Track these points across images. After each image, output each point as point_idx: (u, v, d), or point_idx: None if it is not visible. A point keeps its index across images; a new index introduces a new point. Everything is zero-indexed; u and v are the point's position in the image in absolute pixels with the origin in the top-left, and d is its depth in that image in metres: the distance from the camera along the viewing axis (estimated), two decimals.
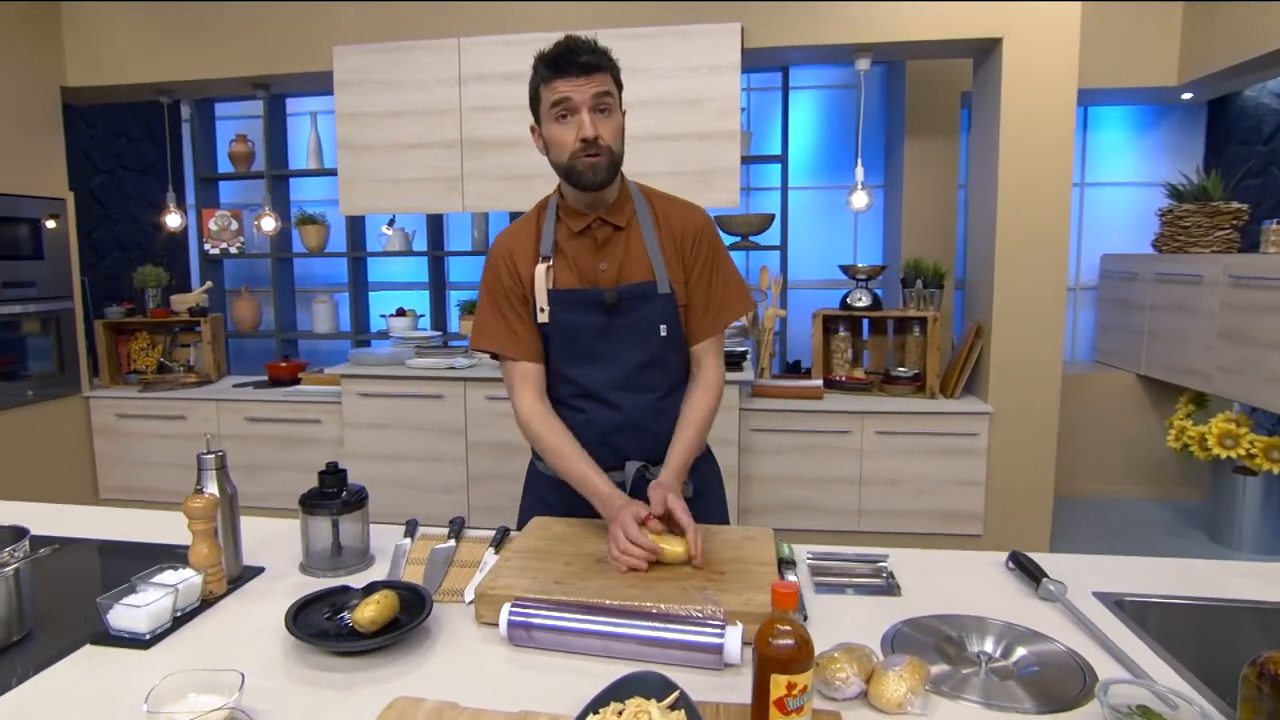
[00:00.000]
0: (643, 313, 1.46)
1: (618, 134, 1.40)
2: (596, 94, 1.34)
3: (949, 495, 3.38)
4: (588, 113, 1.34)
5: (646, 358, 1.48)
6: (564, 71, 1.33)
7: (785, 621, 0.83)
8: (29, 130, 3.58)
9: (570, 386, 1.52)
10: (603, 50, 1.36)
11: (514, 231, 1.54)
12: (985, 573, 1.33)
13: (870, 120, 4.57)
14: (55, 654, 1.10)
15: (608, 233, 1.46)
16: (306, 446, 3.69)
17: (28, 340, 3.56)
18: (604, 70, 1.35)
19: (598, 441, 1.48)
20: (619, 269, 1.46)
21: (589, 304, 1.45)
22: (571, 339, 1.48)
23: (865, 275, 3.67)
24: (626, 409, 1.48)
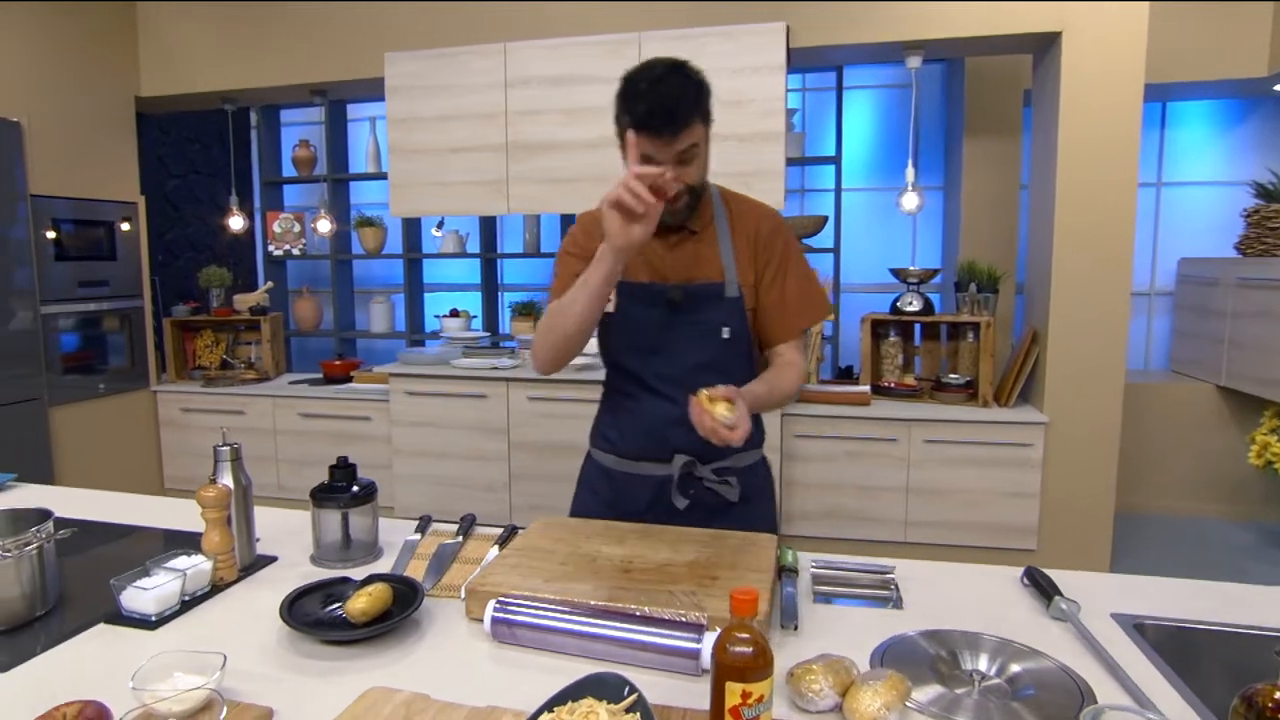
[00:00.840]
0: (706, 313, 1.45)
1: (703, 167, 1.40)
2: (680, 151, 1.32)
3: (1001, 508, 3.25)
4: (670, 170, 1.27)
5: (705, 358, 1.46)
6: (643, 130, 1.29)
7: (744, 629, 0.80)
8: (105, 138, 3.80)
9: (625, 377, 1.53)
10: (688, 94, 1.30)
11: (596, 218, 1.46)
12: (998, 588, 1.27)
13: (930, 120, 4.45)
14: (72, 630, 1.16)
15: (682, 235, 1.47)
16: (357, 443, 3.80)
17: (100, 337, 3.78)
18: (689, 125, 1.30)
19: (646, 433, 1.50)
20: (689, 267, 1.46)
21: (654, 298, 1.46)
22: (632, 331, 1.49)
23: (917, 279, 3.56)
24: (681, 402, 1.42)
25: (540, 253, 4.22)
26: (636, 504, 1.50)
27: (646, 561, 1.26)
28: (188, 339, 4.18)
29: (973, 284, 3.48)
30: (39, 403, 3.44)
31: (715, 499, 1.48)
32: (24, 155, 3.36)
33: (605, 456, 1.59)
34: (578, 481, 1.68)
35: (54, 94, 3.53)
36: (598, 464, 1.61)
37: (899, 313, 3.54)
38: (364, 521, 1.44)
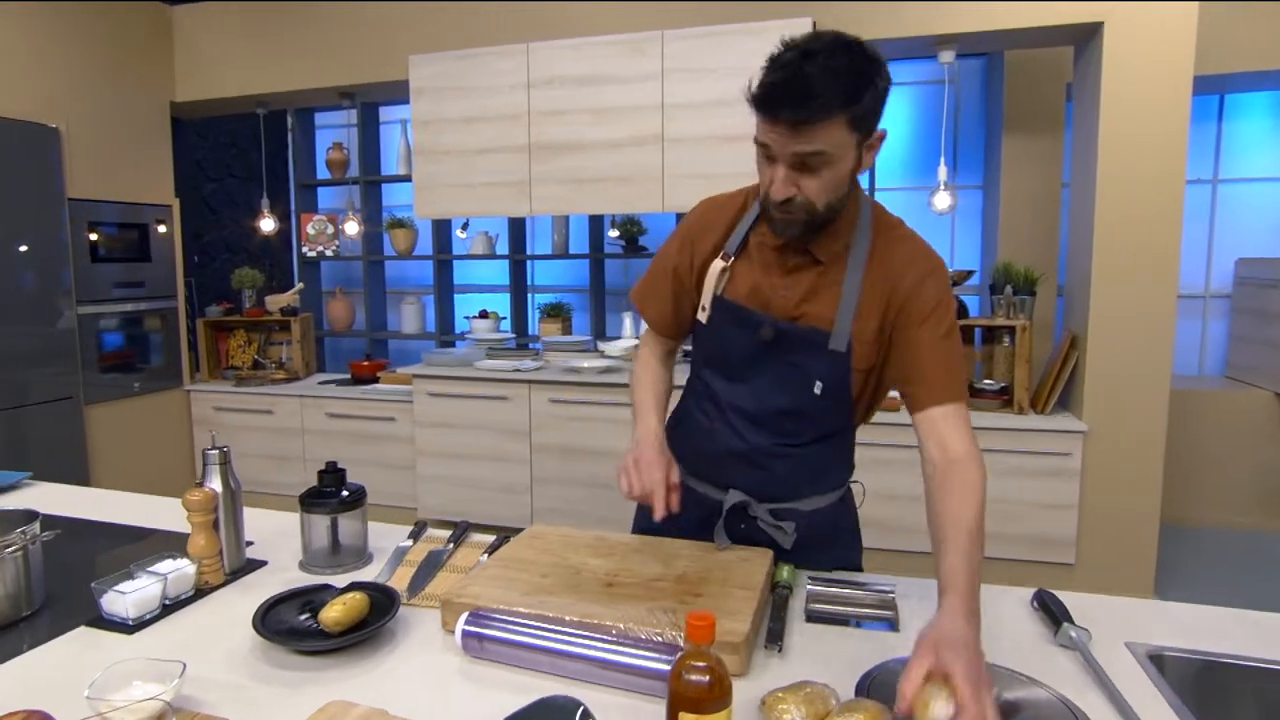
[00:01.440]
0: (802, 359, 1.24)
1: (834, 186, 1.12)
2: (800, 153, 1.06)
3: (1037, 519, 3.12)
4: (784, 168, 1.09)
5: (790, 405, 1.28)
6: (768, 115, 1.07)
7: (699, 657, 0.75)
8: (141, 142, 3.89)
9: (708, 393, 1.37)
10: (836, 85, 1.02)
11: (711, 212, 1.35)
12: (1005, 611, 1.19)
13: (971, 116, 4.31)
14: (53, 633, 1.16)
15: (804, 260, 1.24)
16: (382, 443, 3.82)
17: (135, 337, 3.87)
18: (823, 121, 1.03)
19: (710, 458, 1.37)
20: (799, 301, 1.24)
21: (749, 326, 1.27)
22: (721, 352, 1.33)
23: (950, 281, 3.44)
24: (750, 443, 1.32)
25: (569, 254, 4.20)
26: (685, 518, 1.30)
27: (632, 575, 1.21)
28: (221, 339, 4.26)
29: (1008, 286, 3.35)
30: (74, 401, 3.53)
31: (767, 539, 1.33)
32: (62, 160, 3.46)
33: None
34: None
35: (91, 100, 3.62)
36: None
37: None
38: (353, 527, 1.42)
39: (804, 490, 1.35)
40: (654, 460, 1.19)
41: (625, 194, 3.40)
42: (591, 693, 0.96)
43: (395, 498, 3.85)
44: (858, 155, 1.12)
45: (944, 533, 1.04)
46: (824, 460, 1.36)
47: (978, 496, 1.08)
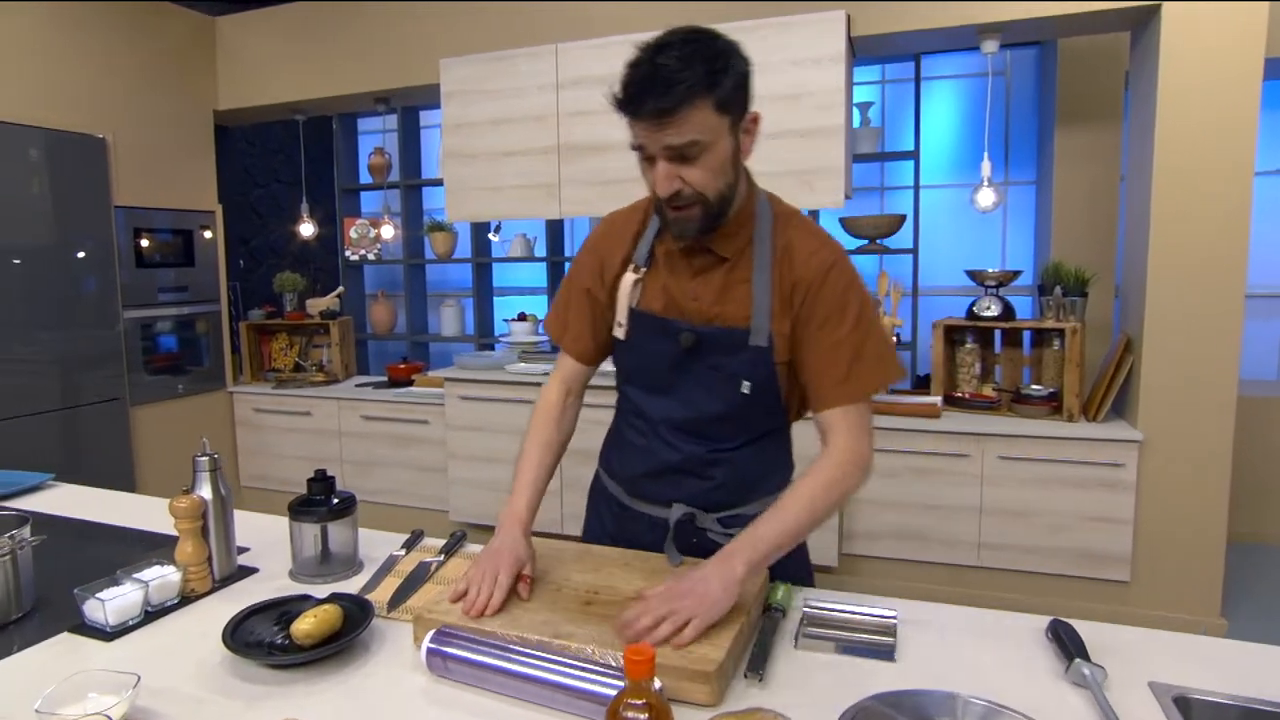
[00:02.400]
0: (724, 362, 1.22)
1: (717, 172, 1.11)
2: (673, 145, 1.06)
3: (1088, 533, 2.94)
4: (664, 164, 1.09)
5: (720, 409, 1.25)
6: (634, 114, 1.07)
7: (638, 694, 0.69)
8: (186, 150, 4.00)
9: (636, 410, 1.36)
10: (692, 72, 1.03)
11: (616, 227, 1.34)
12: (1016, 642, 1.10)
13: (1023, 109, 4.13)
14: (36, 638, 1.16)
15: (709, 260, 1.23)
16: (415, 446, 3.85)
17: (179, 339, 3.97)
18: (685, 108, 1.03)
19: (649, 476, 1.34)
20: (713, 304, 1.23)
21: (667, 335, 1.25)
22: (642, 365, 1.31)
23: (995, 281, 3.29)
24: (684, 452, 1.29)
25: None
26: (639, 543, 1.34)
27: (613, 593, 1.15)
28: (264, 342, 4.35)
29: (1058, 287, 3.18)
30: (121, 402, 3.64)
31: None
32: (110, 169, 3.57)
33: (611, 484, 1.44)
34: (588, 501, 1.54)
35: (138, 110, 3.73)
36: (604, 489, 1.47)
37: (975, 318, 3.27)
38: (343, 535, 1.40)
39: (748, 495, 1.32)
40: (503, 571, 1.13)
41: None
42: (554, 718, 0.91)
43: (428, 500, 3.87)
44: (734, 140, 1.12)
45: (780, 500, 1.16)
46: (762, 462, 1.33)
47: (817, 485, 1.16)
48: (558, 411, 1.39)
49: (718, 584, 1.04)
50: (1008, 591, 3.07)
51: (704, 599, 1.01)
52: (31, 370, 3.30)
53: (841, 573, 3.26)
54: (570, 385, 1.41)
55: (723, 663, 0.95)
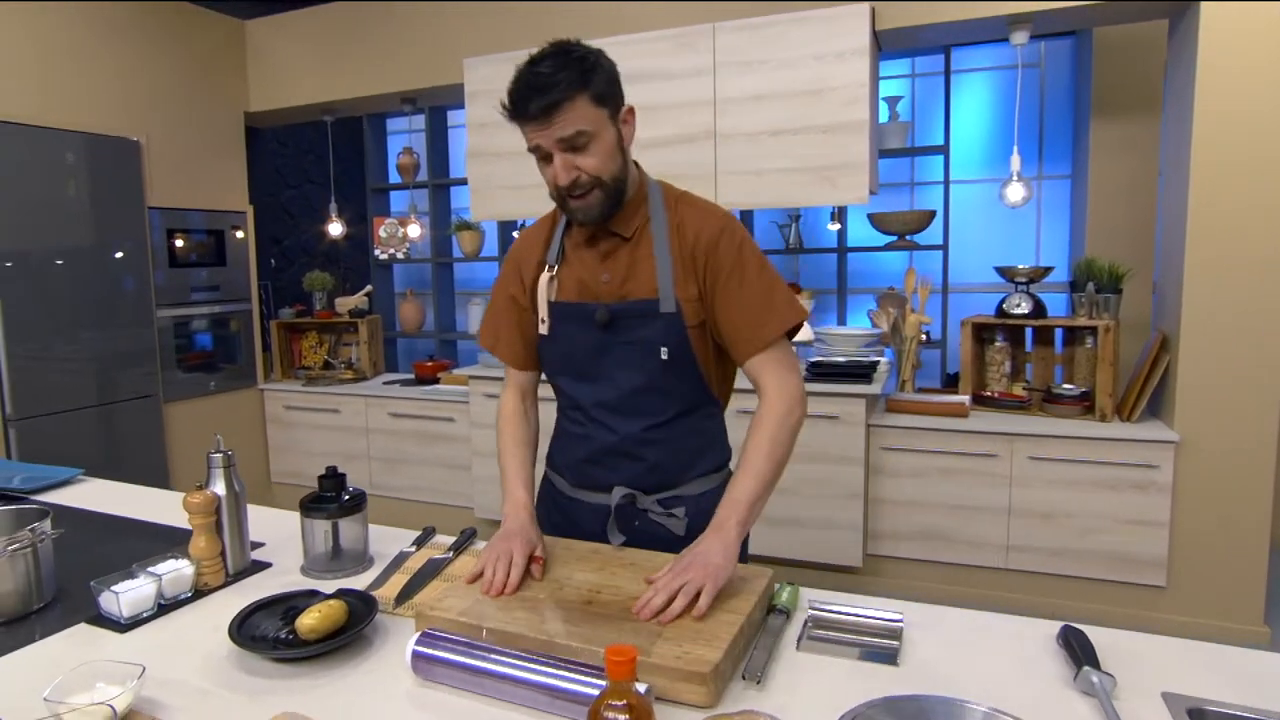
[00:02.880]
0: (640, 333, 1.32)
1: (607, 158, 1.24)
2: (564, 138, 1.20)
3: (1121, 536, 2.87)
4: (559, 155, 1.22)
5: (643, 381, 1.34)
6: (522, 118, 1.21)
7: (619, 695, 0.69)
8: (217, 151, 4.08)
9: (568, 400, 1.45)
10: (566, 74, 1.18)
11: (528, 236, 1.47)
12: (1026, 648, 1.07)
13: (1056, 101, 4.04)
14: (56, 628, 1.19)
15: (614, 243, 1.34)
16: (441, 443, 3.88)
17: (211, 337, 4.06)
18: (567, 103, 1.18)
19: (589, 461, 1.42)
20: (622, 282, 1.33)
21: (584, 319, 1.35)
22: (566, 354, 1.40)
23: (1026, 278, 3.21)
24: (620, 433, 1.37)
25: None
26: (584, 533, 1.41)
27: (616, 593, 1.15)
28: (294, 340, 4.43)
29: (1090, 283, 3.10)
30: (154, 399, 3.73)
31: (665, 532, 1.37)
32: (143, 170, 3.66)
33: (557, 479, 1.52)
34: (536, 501, 1.58)
35: (171, 113, 3.82)
36: (552, 485, 1.54)
37: (1004, 316, 3.21)
38: (354, 531, 1.41)
39: (685, 474, 1.40)
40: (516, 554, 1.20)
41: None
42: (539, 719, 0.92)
43: (453, 497, 3.90)
44: (616, 129, 1.26)
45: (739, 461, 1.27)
46: (695, 439, 1.40)
47: (763, 431, 1.27)
48: (520, 415, 1.49)
49: (719, 551, 1.13)
50: (1036, 595, 3.01)
51: (707, 567, 1.10)
52: (72, 368, 3.41)
53: (865, 573, 3.22)
54: (523, 390, 1.51)
55: (719, 664, 0.94)
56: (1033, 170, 4.19)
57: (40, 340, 3.28)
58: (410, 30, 3.84)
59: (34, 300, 3.26)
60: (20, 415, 3.22)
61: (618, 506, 1.37)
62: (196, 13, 3.94)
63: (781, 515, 3.20)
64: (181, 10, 3.86)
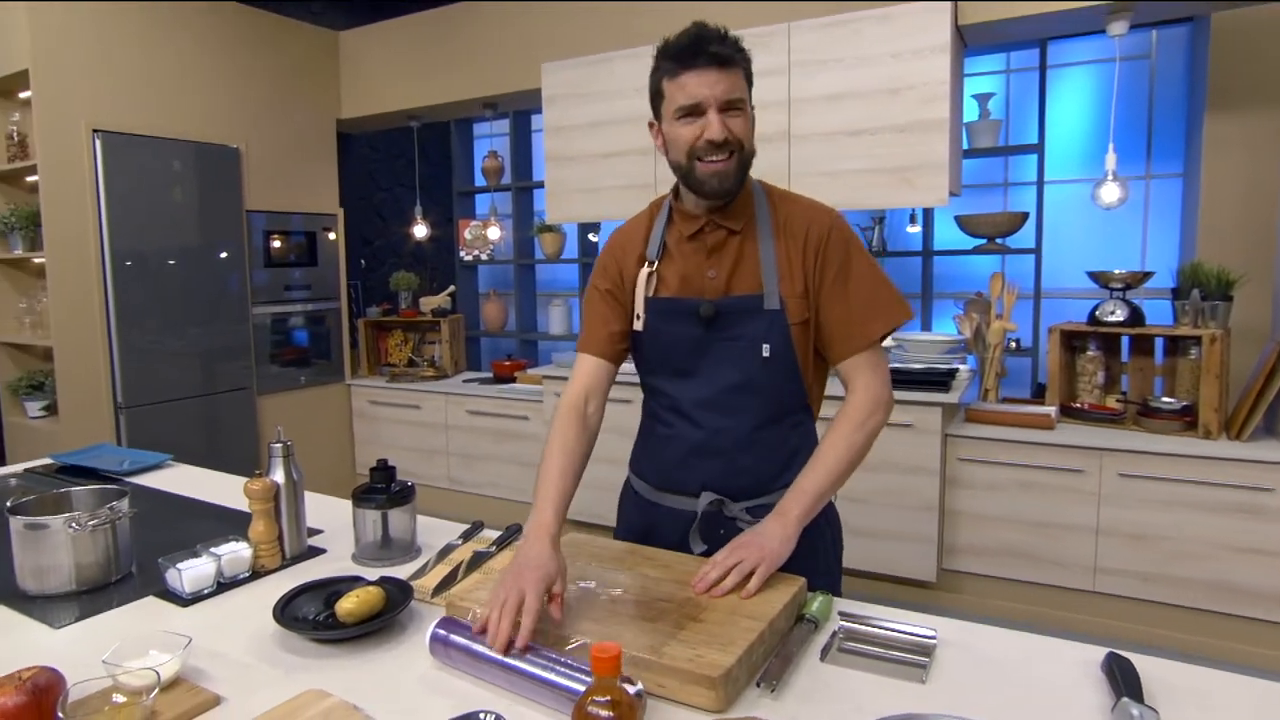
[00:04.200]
0: (744, 329, 1.30)
1: (750, 132, 1.27)
2: (729, 94, 1.21)
3: (1225, 564, 2.65)
4: (716, 113, 1.21)
5: (742, 378, 1.32)
6: (692, 64, 1.21)
7: (604, 690, 0.69)
8: (310, 157, 4.31)
9: (662, 399, 1.42)
10: (735, 41, 1.24)
11: (626, 231, 1.45)
12: (1066, 673, 1.01)
13: (1169, 95, 3.78)
14: (130, 598, 1.29)
15: (721, 237, 1.32)
16: (515, 441, 3.97)
17: (302, 334, 4.29)
18: (737, 66, 1.23)
19: (678, 463, 1.38)
20: (728, 278, 1.32)
21: (686, 314, 1.32)
22: (665, 351, 1.36)
23: (1122, 283, 3.02)
24: (708, 430, 1.34)
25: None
26: (667, 540, 1.38)
27: (644, 593, 1.15)
28: (381, 338, 4.62)
29: (1195, 289, 2.88)
30: (248, 392, 3.97)
31: None
32: (242, 176, 3.91)
33: (639, 483, 1.49)
34: (618, 507, 1.58)
35: (268, 121, 4.07)
36: (634, 489, 1.51)
37: (1097, 323, 3.02)
38: (403, 522, 1.47)
39: (773, 483, 1.36)
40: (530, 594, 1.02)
41: None
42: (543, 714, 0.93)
43: (526, 494, 3.98)
44: (751, 112, 1.28)
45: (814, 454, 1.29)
46: (786, 444, 1.37)
47: (840, 429, 1.29)
48: (577, 414, 1.36)
49: (777, 536, 1.17)
50: (1126, 621, 2.82)
51: (764, 550, 1.15)
52: (177, 361, 3.68)
53: (939, 588, 3.10)
54: (588, 386, 1.38)
55: (730, 669, 0.93)
56: (1139, 169, 3.93)
57: (150, 334, 3.55)
58: (491, 37, 3.96)
59: (146, 297, 3.53)
60: (129, 403, 3.50)
61: (704, 513, 1.33)
62: (294, 26, 4.18)
63: (851, 525, 3.10)
64: (280, 24, 4.11)
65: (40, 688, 0.88)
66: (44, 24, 3.20)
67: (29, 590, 1.29)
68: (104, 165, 3.36)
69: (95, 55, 3.37)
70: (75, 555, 1.30)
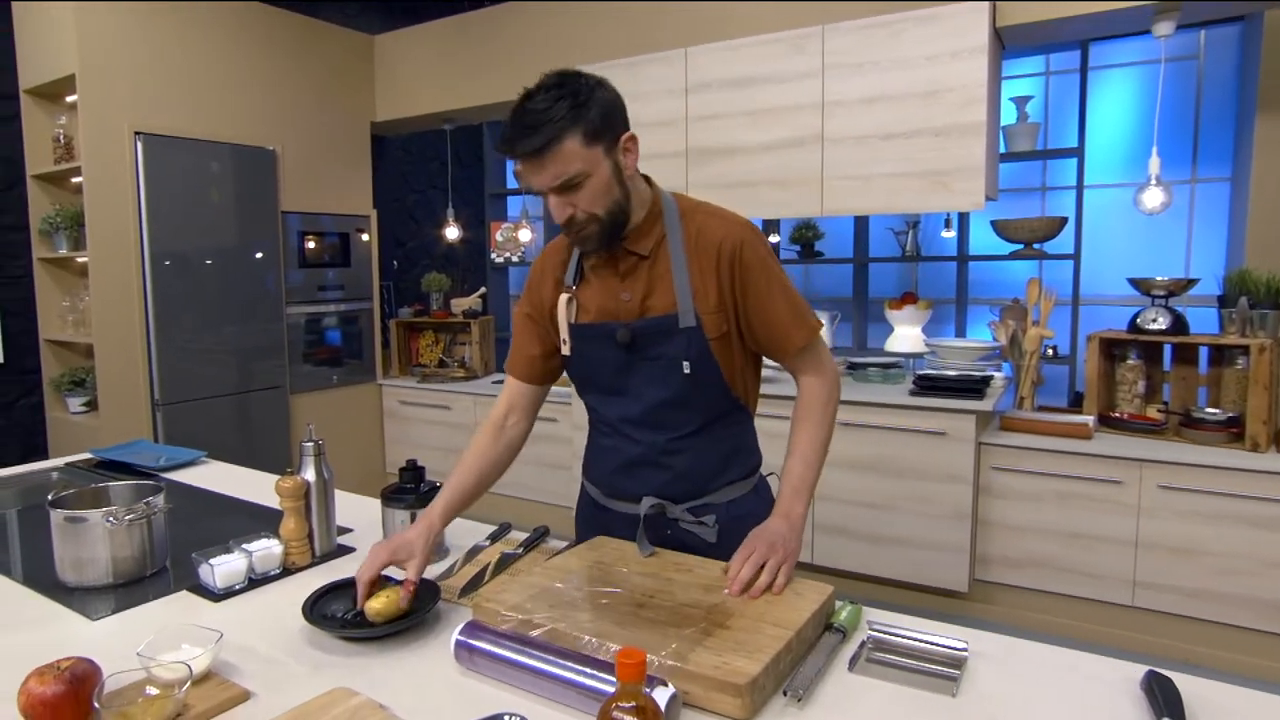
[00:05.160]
0: (662, 348, 1.32)
1: (601, 194, 1.22)
2: (556, 179, 1.18)
3: (1273, 581, 2.57)
4: (553, 196, 1.21)
5: (668, 395, 1.35)
6: (513, 157, 1.21)
7: (628, 697, 0.68)
8: (345, 159, 4.37)
9: (597, 414, 1.47)
10: (557, 110, 1.14)
11: (546, 255, 1.48)
12: (1102, 691, 0.98)
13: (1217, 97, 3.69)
14: (164, 592, 1.31)
15: (631, 262, 1.33)
16: (543, 443, 3.97)
17: (334, 334, 4.35)
18: (556, 144, 1.15)
19: (618, 472, 1.44)
20: (642, 300, 1.33)
21: (605, 339, 1.35)
22: (591, 372, 1.41)
23: (1164, 290, 2.95)
24: (644, 444, 1.39)
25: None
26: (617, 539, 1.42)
27: (669, 598, 1.14)
28: (412, 338, 4.67)
29: (1243, 297, 2.80)
30: (281, 390, 4.03)
31: (696, 540, 1.38)
32: (277, 177, 3.97)
33: (591, 488, 1.54)
34: (576, 509, 1.62)
35: (304, 124, 4.13)
36: (588, 494, 1.57)
37: (1138, 331, 2.95)
38: None
39: (712, 481, 1.40)
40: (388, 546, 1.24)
41: (782, 197, 3.28)
42: (568, 717, 0.92)
43: (553, 496, 4.00)
44: (613, 162, 1.22)
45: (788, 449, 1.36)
46: (722, 447, 1.40)
47: (812, 417, 1.36)
48: (495, 427, 1.47)
49: (793, 536, 1.23)
50: (1166, 638, 2.74)
51: (787, 548, 1.20)
52: (213, 359, 3.75)
53: (972, 599, 3.04)
54: (513, 403, 1.49)
55: (757, 677, 0.92)
56: (1185, 173, 3.84)
57: (187, 333, 3.62)
58: (525, 40, 3.98)
59: (183, 296, 3.61)
60: (167, 400, 3.57)
61: (647, 516, 1.38)
62: (330, 30, 4.25)
63: (882, 533, 3.08)
64: (316, 28, 4.17)
65: (78, 678, 0.89)
66: (90, 30, 3.28)
67: (68, 582, 1.32)
68: (145, 167, 3.44)
69: (138, 59, 3.45)
70: (112, 549, 1.32)
